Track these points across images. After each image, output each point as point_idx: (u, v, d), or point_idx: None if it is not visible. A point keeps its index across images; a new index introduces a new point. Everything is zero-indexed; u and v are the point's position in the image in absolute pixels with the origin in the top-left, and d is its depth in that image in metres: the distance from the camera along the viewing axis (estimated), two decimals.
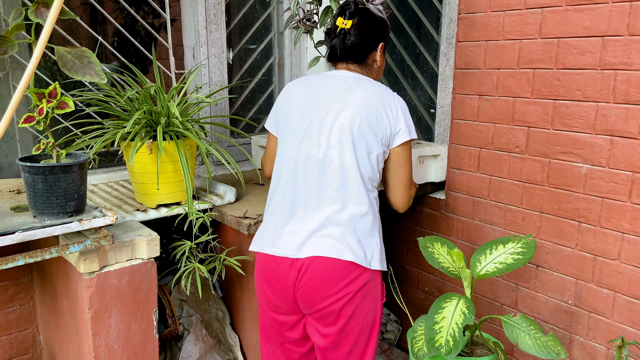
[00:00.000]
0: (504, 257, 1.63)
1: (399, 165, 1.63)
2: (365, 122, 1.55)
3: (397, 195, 1.68)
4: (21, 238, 1.36)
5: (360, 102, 1.56)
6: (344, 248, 1.51)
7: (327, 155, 1.54)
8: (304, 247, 1.53)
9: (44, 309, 1.98)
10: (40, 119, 1.42)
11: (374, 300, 1.60)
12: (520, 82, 1.94)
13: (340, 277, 1.51)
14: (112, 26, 2.34)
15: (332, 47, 1.63)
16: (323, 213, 1.53)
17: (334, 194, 1.54)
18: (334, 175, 1.54)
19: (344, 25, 1.58)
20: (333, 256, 1.51)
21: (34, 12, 1.40)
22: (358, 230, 1.54)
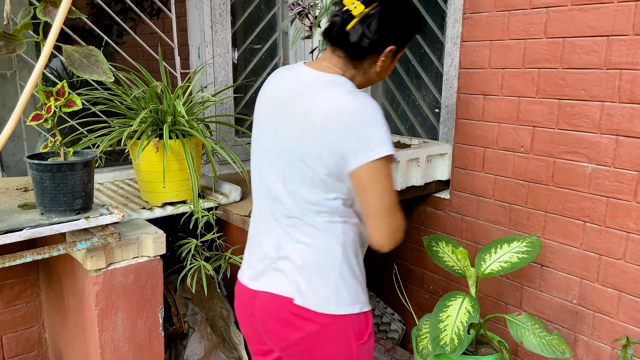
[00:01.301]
0: (509, 256, 1.63)
1: (361, 189, 1.24)
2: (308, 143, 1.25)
3: (368, 228, 1.28)
4: (29, 235, 1.37)
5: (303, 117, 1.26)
6: (294, 287, 1.30)
7: (274, 181, 1.33)
8: (260, 279, 1.37)
9: (50, 307, 1.99)
10: (48, 117, 1.43)
11: (341, 349, 1.31)
12: (525, 82, 1.95)
13: (285, 322, 1.32)
14: (118, 25, 2.35)
15: (331, 24, 1.29)
16: (275, 246, 1.35)
17: (272, 225, 1.35)
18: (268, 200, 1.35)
19: (352, 8, 1.23)
20: (281, 294, 1.31)
21: (42, 11, 1.41)
22: (311, 266, 1.30)
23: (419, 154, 2.20)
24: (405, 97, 2.69)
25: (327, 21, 1.33)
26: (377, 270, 2.80)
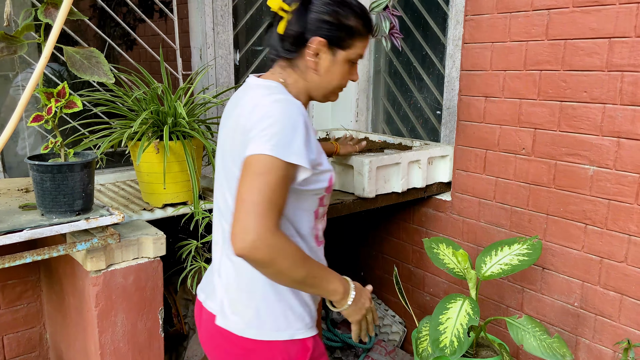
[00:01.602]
0: (510, 258, 1.63)
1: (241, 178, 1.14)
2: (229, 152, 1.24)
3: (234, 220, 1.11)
4: (29, 236, 1.37)
5: (232, 124, 1.24)
6: (219, 305, 1.29)
7: (217, 192, 1.33)
8: (205, 290, 1.37)
9: (51, 307, 1.99)
10: (48, 118, 1.43)
11: None
12: (526, 84, 1.94)
13: (213, 342, 1.31)
14: (120, 27, 2.36)
15: (268, 34, 1.29)
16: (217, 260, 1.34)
17: (217, 238, 1.33)
18: (217, 215, 1.33)
19: (281, 11, 1.22)
20: (211, 310, 1.31)
21: (44, 13, 1.42)
22: (234, 286, 1.27)
23: (420, 156, 2.20)
24: (406, 99, 2.68)
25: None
26: (378, 272, 2.80)
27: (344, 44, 1.25)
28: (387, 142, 2.51)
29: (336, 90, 1.32)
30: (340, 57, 1.26)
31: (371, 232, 2.79)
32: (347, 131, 2.75)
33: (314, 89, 1.29)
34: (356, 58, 1.28)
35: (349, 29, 1.24)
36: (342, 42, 1.25)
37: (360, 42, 1.27)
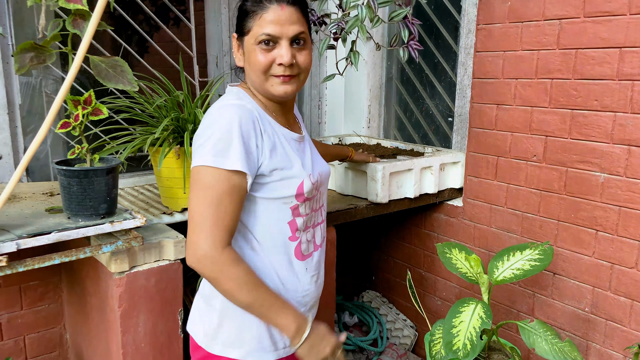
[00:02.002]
0: (522, 263, 1.66)
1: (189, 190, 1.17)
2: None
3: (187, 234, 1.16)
4: (57, 238, 1.42)
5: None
6: (193, 311, 1.36)
7: None
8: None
9: (72, 308, 2.05)
10: (76, 125, 1.49)
11: None
12: (538, 92, 1.98)
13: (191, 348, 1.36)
14: (136, 34, 2.42)
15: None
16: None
17: None
18: None
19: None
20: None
21: (71, 23, 1.48)
22: (201, 294, 1.33)
23: (432, 162, 2.23)
24: (418, 106, 2.72)
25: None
26: (390, 276, 2.83)
27: (244, 29, 1.22)
28: (399, 148, 2.55)
29: (264, 77, 1.22)
30: (247, 44, 1.22)
31: (383, 237, 2.83)
32: (360, 137, 2.80)
33: (253, 83, 1.26)
34: (262, 37, 1.18)
35: (241, 14, 1.23)
36: (242, 28, 1.23)
37: (255, 21, 1.19)
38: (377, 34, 2.73)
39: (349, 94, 2.93)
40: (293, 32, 1.19)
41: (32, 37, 2.12)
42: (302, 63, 1.23)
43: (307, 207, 1.28)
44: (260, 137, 1.18)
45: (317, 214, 1.34)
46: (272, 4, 1.18)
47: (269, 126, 1.23)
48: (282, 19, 1.17)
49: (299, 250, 1.29)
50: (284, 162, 1.21)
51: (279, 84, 1.22)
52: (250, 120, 1.16)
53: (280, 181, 1.21)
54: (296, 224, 1.26)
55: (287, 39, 1.19)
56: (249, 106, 1.19)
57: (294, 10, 1.19)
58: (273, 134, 1.22)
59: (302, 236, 1.28)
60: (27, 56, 1.46)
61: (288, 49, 1.19)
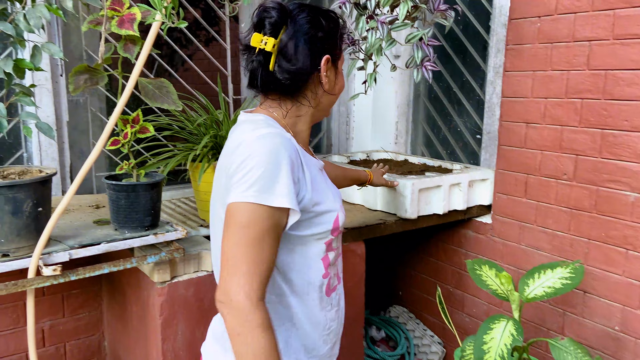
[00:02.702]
0: (553, 281, 1.68)
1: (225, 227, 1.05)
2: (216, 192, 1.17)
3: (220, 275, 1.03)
4: (106, 249, 1.51)
5: (220, 164, 1.16)
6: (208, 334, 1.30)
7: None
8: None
9: (111, 316, 2.13)
10: (124, 142, 1.58)
11: None
12: (568, 112, 2.00)
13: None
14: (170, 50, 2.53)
15: (251, 73, 1.15)
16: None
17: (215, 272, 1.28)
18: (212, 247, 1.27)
19: (263, 46, 1.08)
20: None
21: (123, 48, 1.57)
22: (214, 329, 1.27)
23: (461, 179, 2.27)
24: (446, 123, 2.77)
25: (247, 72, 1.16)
26: (417, 292, 2.85)
27: (337, 54, 1.17)
28: (427, 165, 2.59)
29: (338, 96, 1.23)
30: (339, 67, 1.19)
31: (410, 252, 2.86)
32: (387, 153, 2.85)
33: (322, 109, 1.20)
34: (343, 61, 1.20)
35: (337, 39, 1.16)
36: (336, 52, 1.17)
37: (341, 44, 1.18)
38: (405, 52, 2.78)
39: (377, 111, 2.99)
40: None
41: (79, 59, 2.24)
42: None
43: (338, 241, 1.20)
44: (301, 169, 1.09)
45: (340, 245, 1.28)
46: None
47: (303, 156, 1.12)
48: None
49: (329, 286, 1.20)
50: (322, 195, 1.13)
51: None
52: (294, 152, 1.06)
53: (319, 216, 1.12)
54: (328, 260, 1.18)
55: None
56: (288, 135, 1.10)
57: None
58: (308, 165, 1.13)
59: (331, 271, 1.20)
60: (82, 78, 1.56)
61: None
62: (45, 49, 1.34)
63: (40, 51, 1.34)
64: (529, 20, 2.10)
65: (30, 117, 1.37)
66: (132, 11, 1.56)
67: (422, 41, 1.77)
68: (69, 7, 1.33)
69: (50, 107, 2.11)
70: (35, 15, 1.25)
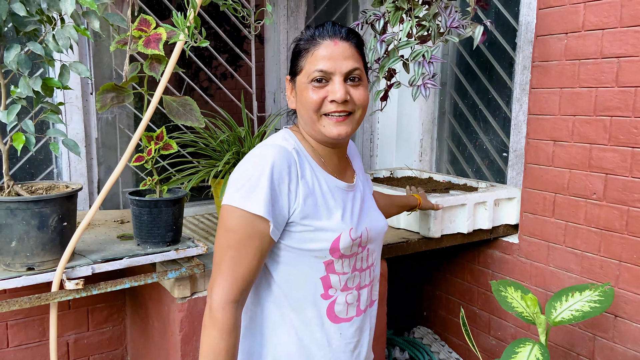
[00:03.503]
0: (581, 304, 1.62)
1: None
2: None
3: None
4: (128, 263, 1.53)
5: None
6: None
7: None
8: None
9: (134, 330, 2.15)
10: (148, 159, 1.61)
11: None
12: (596, 129, 1.95)
13: None
14: (204, 73, 2.58)
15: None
16: None
17: None
18: None
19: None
20: None
21: (149, 67, 1.61)
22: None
23: (487, 197, 2.23)
24: (472, 140, 2.73)
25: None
26: (442, 313, 2.79)
27: (297, 69, 1.16)
28: (451, 183, 2.56)
29: (316, 117, 1.13)
30: (299, 83, 1.15)
31: (435, 272, 2.81)
32: (411, 171, 2.82)
33: (304, 125, 1.18)
34: (314, 75, 1.11)
35: (294, 55, 1.18)
36: (295, 68, 1.17)
37: (307, 58, 1.13)
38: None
39: (401, 128, 2.98)
40: (347, 68, 1.10)
41: (109, 77, 2.31)
42: (358, 99, 1.13)
43: (345, 265, 1.15)
44: (296, 182, 1.09)
45: (363, 274, 1.20)
46: (324, 39, 1.12)
47: (311, 172, 1.13)
48: (335, 54, 1.10)
49: (332, 310, 1.15)
50: (318, 212, 1.11)
51: (332, 124, 1.12)
52: (286, 164, 1.08)
53: (312, 232, 1.10)
54: (330, 281, 1.14)
55: (340, 75, 1.10)
56: (291, 148, 1.12)
57: (348, 45, 1.12)
58: (313, 181, 1.13)
59: (338, 296, 1.15)
60: (109, 96, 1.60)
61: (341, 85, 1.10)
62: (73, 68, 1.38)
63: (68, 70, 1.38)
64: (555, 37, 2.07)
65: (57, 134, 1.41)
66: (158, 31, 1.61)
67: (424, 59, 1.76)
68: (97, 28, 1.37)
69: (80, 124, 2.17)
70: (63, 35, 1.29)
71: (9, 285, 1.36)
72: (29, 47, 1.30)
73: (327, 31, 1.12)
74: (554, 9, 2.07)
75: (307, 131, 1.18)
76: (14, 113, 1.32)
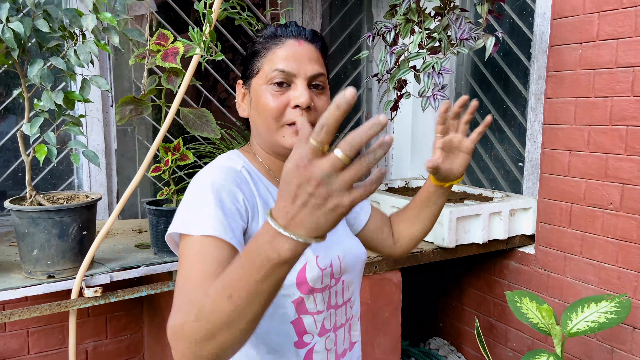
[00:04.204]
0: (597, 315, 1.60)
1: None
2: None
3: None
4: (145, 272, 1.56)
5: None
6: None
7: None
8: None
9: (151, 339, 2.18)
10: (165, 169, 1.65)
11: None
12: (612, 139, 1.94)
13: None
14: (220, 84, 2.63)
15: None
16: None
17: None
18: None
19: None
20: None
21: (166, 80, 1.66)
22: None
23: (502, 207, 2.22)
24: (487, 150, 2.72)
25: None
26: (458, 324, 2.77)
27: (253, 71, 1.00)
28: (467, 193, 2.55)
29: (275, 126, 0.96)
30: (255, 86, 0.99)
31: (451, 282, 2.79)
32: None
33: (258, 137, 1.01)
34: (274, 74, 0.96)
35: (250, 55, 1.02)
36: (250, 70, 1.01)
37: (265, 58, 0.98)
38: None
39: (416, 137, 2.98)
40: (312, 72, 0.96)
41: (128, 89, 2.37)
42: (322, 109, 0.97)
43: (319, 302, 0.95)
44: (251, 194, 0.94)
45: (339, 311, 1.00)
46: (288, 38, 0.98)
47: (266, 191, 0.97)
48: (298, 54, 0.96)
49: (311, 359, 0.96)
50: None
51: (293, 134, 0.95)
52: (233, 178, 0.92)
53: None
54: (303, 325, 0.94)
55: (304, 78, 0.95)
56: (239, 167, 0.96)
57: (314, 48, 0.99)
58: (268, 201, 0.96)
59: (316, 342, 0.95)
60: (127, 108, 1.65)
61: (306, 89, 0.95)
62: (93, 81, 1.43)
63: (89, 84, 1.43)
64: (570, 47, 2.07)
65: (77, 146, 1.45)
66: (176, 45, 1.65)
67: (434, 70, 1.77)
68: (116, 43, 1.41)
69: (100, 136, 2.23)
70: (85, 50, 1.34)
71: (30, 292, 1.40)
72: (51, 62, 1.35)
73: (291, 30, 0.99)
74: (568, 19, 2.07)
75: (262, 144, 1.01)
76: (37, 125, 1.36)
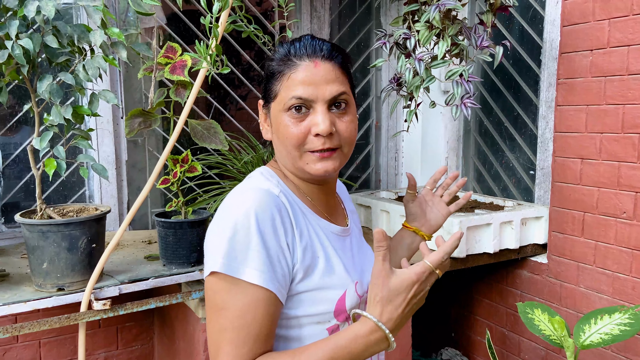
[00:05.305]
0: (610, 327, 1.57)
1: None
2: None
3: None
4: (153, 284, 1.57)
5: None
6: None
7: None
8: None
9: (162, 349, 2.18)
10: (174, 181, 1.65)
11: None
12: (625, 147, 1.91)
13: None
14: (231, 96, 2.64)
15: None
16: None
17: None
18: None
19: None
20: None
21: (175, 92, 1.67)
22: None
23: (513, 216, 2.19)
24: (498, 158, 2.70)
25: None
26: (470, 334, 2.74)
27: (271, 94, 0.97)
28: (477, 201, 2.53)
29: (297, 153, 0.94)
30: (274, 111, 0.96)
31: (463, 292, 2.76)
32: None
33: (283, 160, 0.98)
34: (292, 102, 0.92)
35: (267, 76, 0.98)
36: (269, 93, 0.98)
37: (282, 83, 0.94)
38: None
39: (426, 146, 2.97)
40: (330, 94, 0.92)
41: (139, 101, 2.39)
42: (345, 132, 0.94)
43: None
44: (291, 232, 0.89)
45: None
46: (302, 60, 0.93)
47: (302, 217, 0.94)
48: (316, 78, 0.91)
49: None
50: (317, 266, 0.91)
51: (317, 160, 0.93)
52: (277, 211, 0.88)
53: (312, 292, 0.90)
54: None
55: (323, 103, 0.91)
56: (277, 190, 0.92)
57: (331, 66, 0.93)
58: (307, 228, 0.93)
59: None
60: (136, 121, 1.66)
61: (325, 115, 0.91)
62: (102, 96, 1.44)
63: (97, 98, 1.45)
64: (580, 54, 2.05)
65: (86, 159, 1.47)
66: (184, 58, 1.66)
67: (462, 77, 1.75)
68: (124, 57, 1.43)
69: (111, 147, 2.25)
70: (93, 65, 1.35)
71: (40, 305, 1.41)
72: (60, 77, 1.37)
73: (306, 49, 0.93)
74: (578, 26, 2.05)
75: (288, 167, 0.98)
76: (47, 140, 1.38)
